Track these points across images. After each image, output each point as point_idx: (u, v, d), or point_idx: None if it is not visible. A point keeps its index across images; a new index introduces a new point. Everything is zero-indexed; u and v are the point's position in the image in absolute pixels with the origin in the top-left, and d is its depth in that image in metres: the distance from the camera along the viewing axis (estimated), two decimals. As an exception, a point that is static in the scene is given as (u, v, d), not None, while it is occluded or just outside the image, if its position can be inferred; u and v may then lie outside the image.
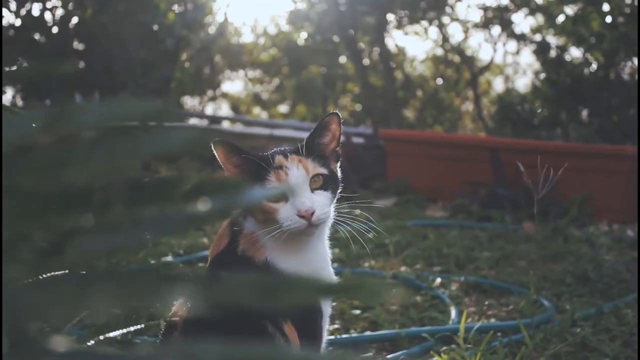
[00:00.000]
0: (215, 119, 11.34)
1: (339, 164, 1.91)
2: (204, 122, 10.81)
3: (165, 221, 0.59)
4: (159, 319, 1.59)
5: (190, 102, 13.56)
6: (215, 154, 1.75)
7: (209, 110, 13.74)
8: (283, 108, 13.69)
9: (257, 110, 14.00)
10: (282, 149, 1.84)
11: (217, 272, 1.50)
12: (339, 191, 1.84)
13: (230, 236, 1.84)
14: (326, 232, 1.87)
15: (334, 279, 1.86)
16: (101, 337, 1.30)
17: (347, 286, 0.61)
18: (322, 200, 1.75)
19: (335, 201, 1.82)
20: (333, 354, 0.56)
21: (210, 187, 0.61)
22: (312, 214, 1.70)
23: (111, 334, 1.41)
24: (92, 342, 1.32)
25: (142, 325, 1.52)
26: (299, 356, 0.55)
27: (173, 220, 0.60)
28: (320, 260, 1.84)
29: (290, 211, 1.71)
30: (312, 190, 1.75)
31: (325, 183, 1.78)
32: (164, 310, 1.64)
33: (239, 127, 10.87)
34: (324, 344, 1.84)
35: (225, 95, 14.40)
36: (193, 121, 11.39)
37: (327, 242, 1.89)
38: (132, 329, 1.47)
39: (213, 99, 14.02)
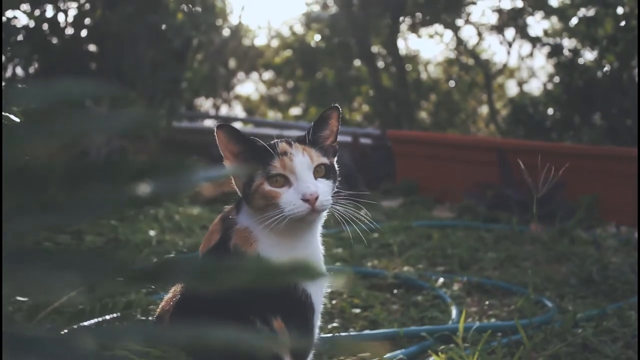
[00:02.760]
0: (226, 120, 11.36)
1: (335, 159, 1.91)
2: (214, 123, 10.84)
3: (106, 202, 0.58)
4: (136, 308, 1.58)
5: (204, 103, 13.59)
6: (217, 139, 1.76)
7: (223, 112, 13.76)
8: (296, 110, 13.68)
9: (271, 112, 14.00)
10: (285, 138, 1.84)
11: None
12: (336, 184, 1.84)
13: (222, 231, 1.84)
14: (319, 227, 1.87)
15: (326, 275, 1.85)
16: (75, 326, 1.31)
17: (288, 268, 0.60)
18: (325, 188, 1.76)
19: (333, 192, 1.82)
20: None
21: (157, 169, 0.60)
22: (317, 198, 1.70)
23: (85, 323, 1.41)
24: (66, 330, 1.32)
25: (118, 314, 1.52)
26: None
27: (114, 201, 0.59)
28: (312, 255, 1.84)
29: (294, 195, 1.71)
30: (315, 178, 1.75)
31: (328, 173, 1.79)
32: (140, 300, 1.64)
33: (248, 128, 10.89)
34: (315, 341, 1.83)
35: (238, 97, 14.43)
36: (207, 122, 11.43)
37: (320, 238, 1.88)
38: (107, 317, 1.47)
39: (227, 101, 14.04)
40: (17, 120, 1.04)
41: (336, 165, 1.89)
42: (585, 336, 2.72)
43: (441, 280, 3.62)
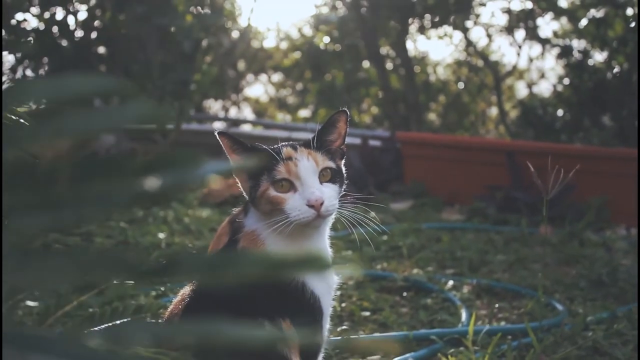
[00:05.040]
0: (235, 122, 11.36)
1: (343, 162, 1.91)
2: (224, 125, 10.85)
3: (112, 198, 0.58)
4: (146, 312, 1.59)
5: (213, 105, 13.60)
6: (222, 145, 1.77)
7: (232, 114, 13.76)
8: (305, 112, 13.66)
9: (280, 114, 13.99)
10: (291, 142, 1.84)
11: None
12: (344, 187, 1.84)
13: (230, 234, 1.84)
14: (327, 230, 1.86)
15: (334, 277, 1.85)
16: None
17: (295, 260, 0.60)
18: (331, 192, 1.76)
19: (340, 195, 1.82)
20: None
21: (163, 163, 0.60)
22: (322, 204, 1.70)
23: (97, 327, 1.41)
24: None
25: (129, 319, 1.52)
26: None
27: (119, 196, 0.58)
28: (321, 258, 1.83)
29: (299, 201, 1.71)
30: (321, 182, 1.75)
31: (334, 177, 1.79)
32: (151, 304, 1.64)
33: (258, 131, 10.89)
34: (324, 343, 1.83)
35: (247, 99, 14.43)
36: (216, 124, 11.44)
37: (328, 241, 1.88)
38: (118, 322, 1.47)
39: (236, 103, 14.04)
40: (23, 122, 1.04)
41: (343, 169, 1.88)
42: (596, 339, 2.70)
43: (450, 282, 3.61)
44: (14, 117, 1.01)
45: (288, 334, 1.64)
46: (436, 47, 21.49)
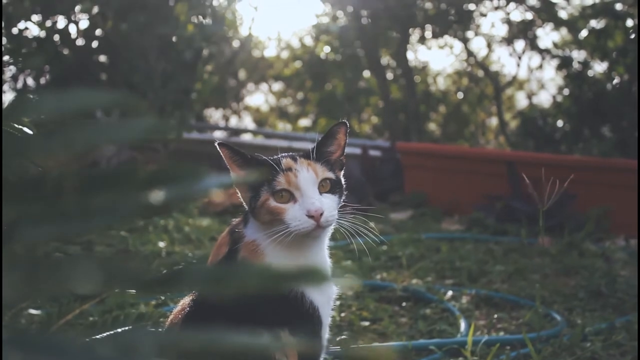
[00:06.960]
0: (235, 131, 11.38)
1: (342, 172, 1.92)
2: (224, 134, 10.88)
3: (117, 209, 0.59)
4: (147, 320, 1.60)
5: (213, 114, 13.61)
6: (222, 155, 1.78)
7: (232, 123, 13.77)
8: (306, 122, 13.67)
9: (280, 124, 14.00)
10: (290, 153, 1.86)
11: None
12: (343, 198, 1.85)
13: (230, 244, 1.85)
14: (326, 240, 1.88)
15: (334, 287, 1.86)
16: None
17: (294, 273, 0.62)
18: (330, 203, 1.77)
19: (339, 206, 1.83)
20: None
21: (166, 176, 0.61)
22: (321, 214, 1.71)
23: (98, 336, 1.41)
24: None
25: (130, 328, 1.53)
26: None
27: (125, 209, 0.60)
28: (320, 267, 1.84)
29: (299, 211, 1.72)
30: (321, 193, 1.76)
31: (333, 187, 1.80)
32: (152, 313, 1.65)
33: (258, 140, 10.91)
34: (323, 354, 1.84)
35: (248, 108, 14.44)
36: (216, 133, 11.46)
37: (327, 251, 1.89)
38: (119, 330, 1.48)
39: (236, 112, 14.06)
40: (30, 132, 1.06)
41: (343, 179, 1.90)
42: (594, 350, 2.71)
43: (450, 293, 3.61)
44: (21, 129, 1.03)
45: (287, 341, 1.65)
46: (437, 57, 21.47)
